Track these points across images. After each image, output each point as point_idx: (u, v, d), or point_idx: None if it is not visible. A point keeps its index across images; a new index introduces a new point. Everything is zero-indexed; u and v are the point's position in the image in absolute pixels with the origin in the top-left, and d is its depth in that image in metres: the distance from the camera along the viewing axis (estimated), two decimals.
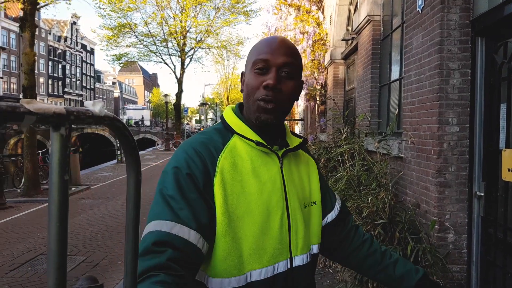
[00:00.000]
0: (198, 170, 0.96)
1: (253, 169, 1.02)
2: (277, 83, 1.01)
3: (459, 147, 3.03)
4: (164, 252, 0.85)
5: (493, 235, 2.84)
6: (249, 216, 0.98)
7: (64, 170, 0.48)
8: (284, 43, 1.04)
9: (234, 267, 0.96)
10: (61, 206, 0.48)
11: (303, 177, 1.16)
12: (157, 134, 33.18)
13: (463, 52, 2.98)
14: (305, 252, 1.09)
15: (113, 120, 0.57)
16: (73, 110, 0.49)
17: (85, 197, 10.14)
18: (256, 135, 1.05)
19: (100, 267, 5.08)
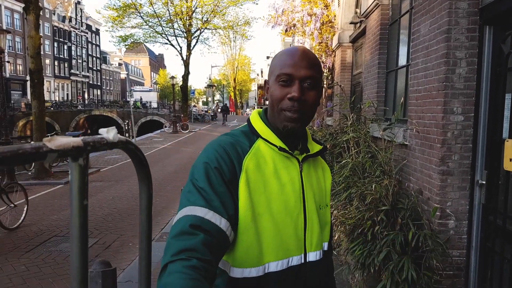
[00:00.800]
0: (226, 167, 1.05)
1: (275, 171, 1.12)
2: (301, 95, 1.09)
3: (463, 136, 3.05)
4: (198, 235, 0.90)
5: (493, 222, 2.90)
6: (269, 213, 1.08)
7: (83, 196, 0.54)
8: (306, 56, 1.12)
9: (254, 259, 1.06)
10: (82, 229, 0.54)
11: (320, 181, 1.25)
12: (164, 116, 33.29)
13: (470, 41, 2.97)
14: (319, 249, 1.19)
15: (126, 143, 0.64)
16: (89, 141, 0.55)
17: (95, 179, 10.32)
18: (279, 140, 1.15)
19: (112, 248, 5.25)
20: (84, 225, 0.55)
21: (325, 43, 9.28)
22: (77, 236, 0.54)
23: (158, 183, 9.77)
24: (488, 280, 2.99)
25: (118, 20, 28.16)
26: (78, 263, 0.54)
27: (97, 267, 2.45)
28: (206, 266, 0.86)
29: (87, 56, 66.50)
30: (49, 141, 0.49)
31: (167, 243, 0.91)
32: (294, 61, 1.10)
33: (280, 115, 1.12)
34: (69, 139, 0.51)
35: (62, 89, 57.93)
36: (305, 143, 1.23)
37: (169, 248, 0.88)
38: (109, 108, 38.57)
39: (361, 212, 3.48)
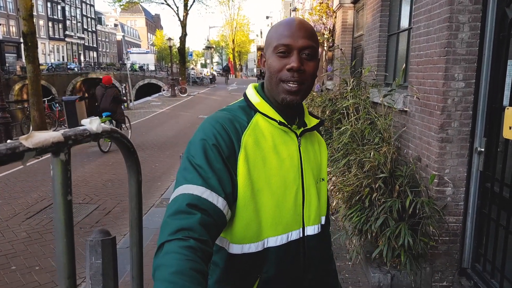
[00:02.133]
0: (224, 143, 1.03)
1: (274, 146, 1.11)
2: (300, 65, 1.07)
3: (463, 103, 3.01)
4: (195, 214, 0.89)
5: (490, 189, 2.92)
6: (268, 189, 1.08)
7: (66, 192, 0.52)
8: (303, 26, 1.10)
9: (253, 234, 1.07)
10: (67, 224, 0.53)
11: (317, 155, 1.25)
12: (162, 79, 32.88)
13: (474, 4, 2.87)
14: (317, 223, 1.21)
15: (111, 132, 0.61)
16: (70, 135, 0.52)
17: (94, 144, 10.33)
18: (278, 114, 1.13)
19: (112, 214, 5.33)
20: (69, 221, 0.53)
21: (326, 3, 9.00)
22: (63, 232, 0.53)
23: (158, 148, 9.79)
24: (483, 246, 3.06)
25: None
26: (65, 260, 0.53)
27: (97, 236, 2.49)
28: (203, 246, 0.85)
29: (81, 17, 64.74)
30: (26, 139, 0.46)
31: (163, 222, 0.90)
32: (292, 32, 1.08)
33: (278, 87, 1.10)
34: (48, 134, 0.49)
35: (57, 51, 56.83)
36: (302, 117, 1.21)
37: (166, 227, 0.87)
38: (106, 71, 38.04)
39: (359, 179, 3.50)
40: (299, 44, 1.07)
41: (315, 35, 1.13)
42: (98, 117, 0.60)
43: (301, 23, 1.10)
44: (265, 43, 1.17)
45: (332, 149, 4.38)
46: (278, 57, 1.09)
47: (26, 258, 4.10)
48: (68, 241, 0.50)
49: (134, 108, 19.41)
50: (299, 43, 1.07)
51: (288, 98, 1.09)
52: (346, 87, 4.74)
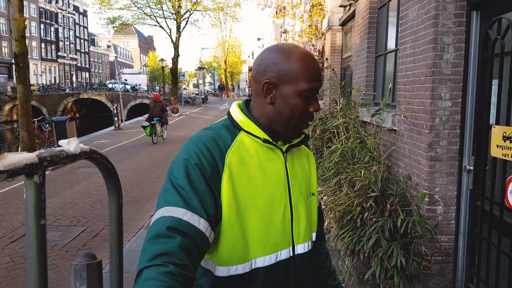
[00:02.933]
0: (207, 163, 1.00)
1: (260, 163, 1.09)
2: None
3: (451, 122, 3.05)
4: (175, 238, 0.86)
5: (480, 208, 2.93)
6: (255, 208, 1.06)
7: (40, 216, 0.51)
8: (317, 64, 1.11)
9: (240, 255, 1.04)
10: (40, 250, 0.51)
11: (305, 169, 1.23)
12: None
13: (458, 26, 2.94)
14: (307, 240, 1.18)
15: (90, 153, 0.59)
16: (46, 156, 0.50)
17: (83, 165, 10.20)
18: (262, 132, 1.11)
19: (100, 237, 5.22)
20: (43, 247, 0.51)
21: (315, 26, 9.17)
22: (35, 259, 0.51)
23: (148, 169, 9.72)
24: (476, 265, 3.04)
25: (106, 1, 27.51)
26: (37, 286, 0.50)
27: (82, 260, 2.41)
28: (183, 271, 0.82)
29: (74, 38, 65.09)
30: None
31: (143, 246, 0.86)
32: (314, 73, 1.08)
33: (295, 126, 1.11)
34: (21, 156, 0.47)
35: (49, 72, 56.82)
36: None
37: (145, 253, 0.83)
38: (97, 91, 38.00)
39: (351, 199, 3.49)
40: (319, 86, 1.09)
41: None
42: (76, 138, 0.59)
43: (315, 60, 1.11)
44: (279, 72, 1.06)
45: (323, 168, 4.37)
46: (304, 99, 1.07)
47: (8, 285, 3.96)
48: (40, 269, 0.48)
49: (125, 128, 19.33)
50: (318, 84, 1.09)
51: (296, 136, 1.15)
52: (336, 106, 4.78)
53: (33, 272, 0.48)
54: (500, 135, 2.51)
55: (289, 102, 1.07)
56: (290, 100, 1.07)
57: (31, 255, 0.48)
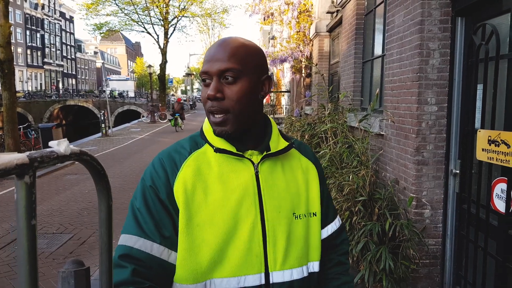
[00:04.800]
0: (160, 182, 0.98)
1: (220, 175, 0.99)
2: (216, 92, 0.95)
3: (437, 126, 3.10)
4: (127, 267, 0.90)
5: (467, 211, 2.97)
6: (211, 224, 0.96)
7: (31, 216, 0.50)
8: (223, 47, 0.97)
9: (190, 274, 0.95)
10: (30, 251, 0.50)
11: (298, 184, 1.07)
12: (142, 105, 32.72)
13: (443, 32, 3.00)
14: (291, 267, 1.00)
15: (80, 155, 0.59)
16: (36, 157, 0.50)
17: (70, 172, 10.08)
18: (224, 142, 1.01)
19: (88, 244, 5.14)
20: (33, 247, 0.51)
21: (303, 32, 9.26)
22: (25, 260, 0.50)
23: (136, 175, 9.62)
24: (463, 267, 3.07)
25: (92, 8, 27.37)
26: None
27: (70, 267, 2.37)
28: None
29: (61, 45, 64.44)
30: None
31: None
32: (210, 56, 0.97)
33: (209, 119, 1.00)
34: (11, 156, 0.47)
35: (35, 79, 56.10)
36: (266, 141, 1.06)
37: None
38: (84, 97, 37.65)
39: (339, 203, 3.51)
40: (214, 69, 0.95)
41: (239, 54, 0.97)
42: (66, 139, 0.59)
43: (224, 43, 0.97)
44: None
45: None
46: (204, 86, 0.99)
47: None
48: (30, 268, 0.48)
49: (113, 134, 19.15)
50: (214, 68, 0.95)
51: (217, 130, 0.98)
52: (324, 111, 4.82)
53: (24, 272, 0.48)
54: (485, 139, 2.56)
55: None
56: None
57: (22, 255, 0.48)
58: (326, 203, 1.15)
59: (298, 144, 1.15)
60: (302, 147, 1.15)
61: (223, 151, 0.99)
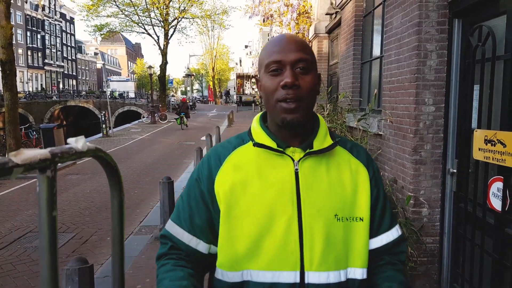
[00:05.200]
0: (204, 175, 1.06)
1: (259, 170, 1.02)
2: (295, 80, 0.97)
3: (434, 126, 3.15)
4: (167, 244, 1.08)
5: (464, 209, 3.01)
6: (248, 216, 0.99)
7: (52, 208, 0.55)
8: (292, 39, 1.02)
9: (228, 262, 1.01)
10: (51, 239, 0.55)
11: (344, 185, 1.04)
12: (142, 106, 32.76)
13: (440, 33, 3.05)
14: (327, 270, 0.98)
15: (96, 151, 0.64)
16: (57, 152, 0.55)
17: (71, 172, 10.13)
18: (266, 138, 1.04)
19: (90, 243, 5.19)
20: (53, 236, 0.56)
21: (302, 34, 9.30)
22: (47, 247, 0.55)
23: (137, 175, 9.67)
24: (460, 265, 3.12)
25: (93, 9, 27.45)
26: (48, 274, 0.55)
27: (74, 264, 2.43)
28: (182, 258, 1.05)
29: (61, 46, 64.53)
30: (15, 156, 0.49)
31: None
32: (281, 47, 1.00)
33: (276, 108, 1.00)
34: (36, 152, 0.52)
35: (35, 80, 56.16)
36: (311, 138, 1.05)
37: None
38: (85, 98, 37.71)
39: None
40: (290, 58, 0.98)
41: (308, 48, 1.03)
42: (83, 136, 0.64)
43: (291, 37, 1.03)
44: (258, 65, 1.08)
45: None
46: (271, 76, 1.00)
47: None
48: (51, 256, 0.53)
49: (113, 135, 19.20)
50: (290, 57, 0.98)
51: (288, 118, 0.98)
52: (323, 112, 4.87)
53: (45, 259, 0.53)
54: (481, 138, 2.61)
55: (262, 85, 1.04)
56: (262, 82, 1.04)
57: (43, 243, 0.53)
58: (382, 210, 1.09)
59: (351, 146, 1.12)
60: (355, 149, 1.11)
61: (262, 146, 1.02)
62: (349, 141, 1.13)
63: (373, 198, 1.06)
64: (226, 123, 23.08)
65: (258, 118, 1.11)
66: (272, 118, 1.04)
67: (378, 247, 1.07)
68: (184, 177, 9.20)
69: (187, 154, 12.78)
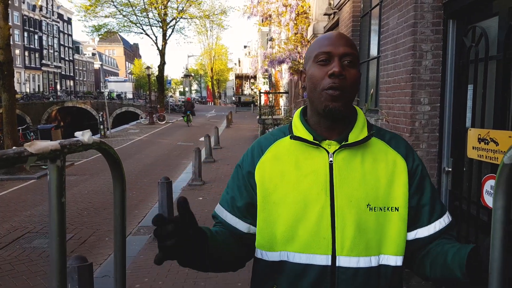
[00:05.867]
0: (247, 163, 1.17)
1: (296, 161, 1.10)
2: (342, 70, 1.04)
3: (430, 126, 3.19)
4: (217, 223, 1.21)
5: (458, 207, 3.06)
6: (284, 203, 1.09)
7: (61, 194, 0.59)
8: (342, 36, 1.10)
9: (266, 243, 1.11)
10: (60, 224, 0.59)
11: (378, 176, 1.08)
12: (140, 107, 32.76)
13: (435, 34, 3.09)
14: (357, 255, 1.04)
15: (100, 144, 0.68)
16: (66, 144, 0.59)
17: (69, 173, 10.14)
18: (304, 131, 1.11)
19: (88, 243, 5.21)
20: (62, 221, 0.60)
21: (301, 34, 9.36)
22: (56, 231, 0.59)
23: (135, 176, 9.69)
24: None
25: (91, 9, 27.44)
26: (57, 256, 0.58)
27: (73, 263, 2.46)
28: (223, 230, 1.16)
29: (59, 46, 64.43)
30: (29, 146, 0.53)
31: None
32: (332, 40, 1.08)
33: (321, 96, 1.06)
34: (47, 143, 0.56)
35: (33, 80, 56.07)
36: (347, 131, 1.10)
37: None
38: (82, 99, 37.64)
39: None
40: (340, 51, 1.05)
41: (355, 46, 1.11)
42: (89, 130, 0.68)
43: (341, 33, 1.12)
44: (305, 59, 1.16)
45: None
46: (319, 65, 1.07)
47: None
48: (60, 240, 0.57)
49: (111, 136, 19.21)
50: (340, 50, 1.05)
51: (331, 105, 1.04)
52: None
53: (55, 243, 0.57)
54: (475, 137, 2.65)
55: (309, 75, 1.10)
56: (309, 72, 1.10)
57: (53, 228, 0.57)
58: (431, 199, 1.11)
59: (389, 137, 1.15)
60: (394, 140, 1.14)
61: (299, 138, 1.10)
62: (388, 133, 1.17)
63: (412, 189, 1.09)
64: (225, 123, 23.11)
65: (299, 112, 1.19)
66: (315, 106, 1.10)
67: (433, 233, 1.10)
68: (183, 177, 9.22)
69: (186, 155, 12.80)
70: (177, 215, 0.85)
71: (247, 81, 42.79)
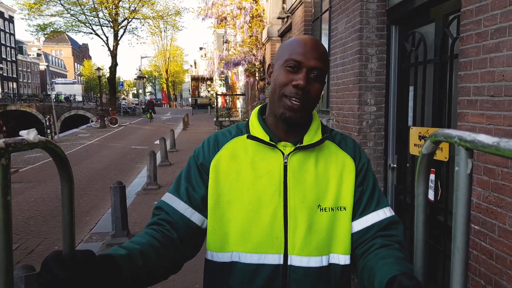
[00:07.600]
0: (202, 155, 1.15)
1: (252, 161, 1.10)
2: (306, 84, 1.04)
3: (376, 125, 3.37)
4: (158, 215, 1.11)
5: (403, 201, 3.25)
6: (239, 203, 1.08)
7: (6, 193, 0.59)
8: (317, 47, 1.08)
9: (217, 243, 1.09)
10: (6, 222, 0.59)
11: (329, 178, 1.10)
12: (90, 110, 31.52)
13: (380, 38, 3.27)
14: (308, 255, 1.06)
15: (46, 143, 0.69)
16: (11, 142, 0.59)
17: (14, 180, 9.57)
18: (261, 131, 1.12)
19: (36, 253, 4.96)
20: (8, 220, 0.60)
21: (255, 37, 9.48)
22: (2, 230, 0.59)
23: (86, 181, 9.32)
24: None
25: (35, 8, 26.04)
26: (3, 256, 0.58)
27: (19, 272, 2.34)
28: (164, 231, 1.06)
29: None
30: None
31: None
32: (305, 50, 1.06)
33: (280, 101, 1.07)
34: None
35: None
36: (302, 134, 1.13)
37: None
38: (27, 102, 35.61)
39: None
40: (310, 64, 1.04)
41: (327, 59, 1.11)
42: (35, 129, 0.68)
43: (317, 44, 1.09)
44: (276, 54, 1.14)
45: None
46: (286, 71, 1.06)
47: None
48: (6, 238, 0.57)
49: (60, 140, 18.34)
50: (310, 63, 1.04)
51: (287, 114, 1.06)
52: None
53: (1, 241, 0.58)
54: (416, 135, 2.84)
55: (275, 76, 1.10)
56: (275, 73, 1.10)
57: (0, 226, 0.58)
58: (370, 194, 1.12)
59: (340, 139, 1.18)
60: (343, 141, 1.17)
61: (255, 138, 1.10)
62: (339, 134, 1.20)
63: (356, 184, 1.11)
64: (181, 126, 22.79)
65: (257, 111, 1.19)
66: (273, 109, 1.11)
67: (366, 227, 1.08)
68: (137, 182, 9.00)
69: (140, 158, 12.50)
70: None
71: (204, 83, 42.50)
